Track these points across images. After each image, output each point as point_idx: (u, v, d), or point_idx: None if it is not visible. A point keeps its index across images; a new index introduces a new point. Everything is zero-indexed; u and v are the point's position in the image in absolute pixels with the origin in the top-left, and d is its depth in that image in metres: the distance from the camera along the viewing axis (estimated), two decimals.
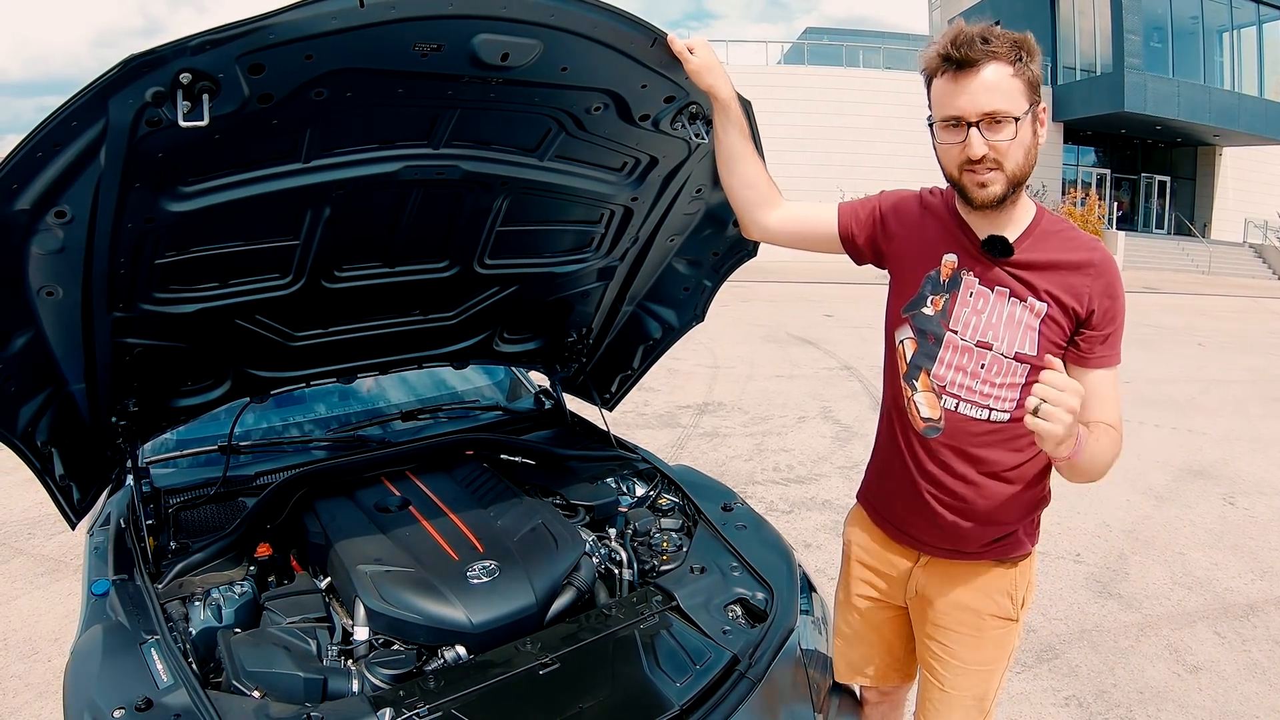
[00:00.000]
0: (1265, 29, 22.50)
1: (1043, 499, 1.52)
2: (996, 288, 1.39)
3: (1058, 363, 1.21)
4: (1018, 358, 1.38)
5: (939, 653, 1.57)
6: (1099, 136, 24.68)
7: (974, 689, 1.55)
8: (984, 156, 1.28)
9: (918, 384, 1.47)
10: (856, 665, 1.76)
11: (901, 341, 1.50)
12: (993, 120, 1.27)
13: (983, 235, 1.39)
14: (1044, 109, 1.33)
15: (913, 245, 1.50)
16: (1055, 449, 1.20)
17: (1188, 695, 2.77)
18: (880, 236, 1.55)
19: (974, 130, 1.28)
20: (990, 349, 1.39)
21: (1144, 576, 3.69)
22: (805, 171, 20.25)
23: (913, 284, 1.48)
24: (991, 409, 1.41)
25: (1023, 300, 1.37)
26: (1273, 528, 4.32)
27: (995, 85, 1.26)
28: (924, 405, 1.47)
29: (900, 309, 1.50)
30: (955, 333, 1.42)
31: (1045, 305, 1.36)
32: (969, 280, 1.41)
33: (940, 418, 1.45)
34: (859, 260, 1.61)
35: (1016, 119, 1.27)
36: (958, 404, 1.43)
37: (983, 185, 1.31)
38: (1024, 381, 1.38)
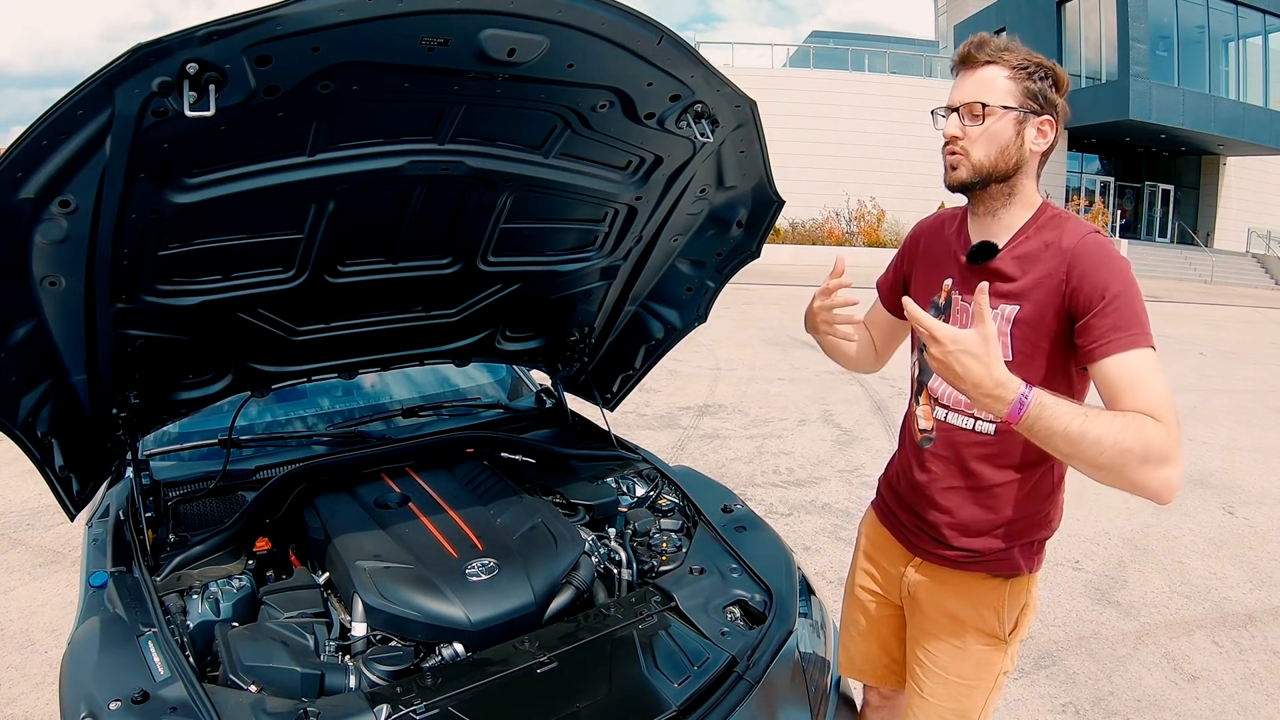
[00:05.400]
0: (1271, 39, 22.48)
1: (1043, 522, 1.49)
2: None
3: (911, 303, 1.24)
4: None
5: (922, 658, 1.58)
6: (1103, 144, 24.67)
7: (953, 701, 1.54)
8: (954, 138, 1.37)
9: (920, 398, 1.56)
10: (855, 660, 1.79)
11: (913, 360, 1.60)
12: (971, 110, 1.35)
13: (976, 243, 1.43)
14: (1047, 121, 1.35)
15: (923, 272, 1.57)
16: (975, 395, 1.19)
17: (1184, 704, 2.76)
18: (908, 278, 1.63)
19: (954, 113, 1.38)
20: None
21: (1143, 584, 3.69)
22: (810, 174, 20.29)
23: (924, 307, 1.52)
24: (977, 418, 1.44)
25: (994, 308, 1.37)
26: (1272, 538, 4.32)
27: (985, 81, 1.35)
28: (921, 417, 1.55)
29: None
30: None
31: (1015, 308, 1.35)
32: (957, 299, 1.47)
33: (933, 428, 1.52)
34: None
35: (990, 107, 1.33)
36: (947, 414, 1.49)
37: (952, 167, 1.39)
38: None
